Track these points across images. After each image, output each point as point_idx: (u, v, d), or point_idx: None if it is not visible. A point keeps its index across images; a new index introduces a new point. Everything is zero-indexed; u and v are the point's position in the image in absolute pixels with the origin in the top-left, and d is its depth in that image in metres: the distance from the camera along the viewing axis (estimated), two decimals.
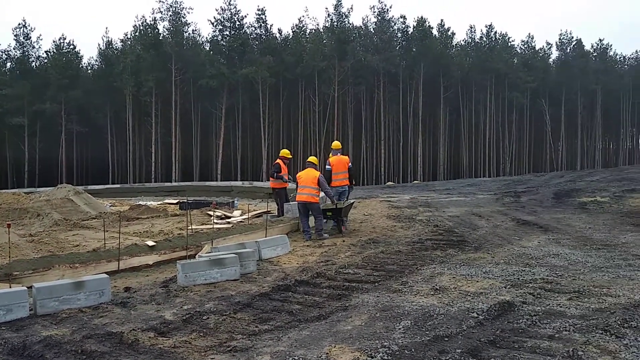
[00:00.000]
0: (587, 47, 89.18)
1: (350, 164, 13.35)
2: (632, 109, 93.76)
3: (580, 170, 62.80)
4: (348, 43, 64.62)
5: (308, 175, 11.74)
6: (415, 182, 52.93)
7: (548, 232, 12.03)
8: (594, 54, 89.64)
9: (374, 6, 70.46)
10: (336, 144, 13.96)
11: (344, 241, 10.91)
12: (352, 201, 12.77)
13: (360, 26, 71.56)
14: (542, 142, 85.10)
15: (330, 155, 13.57)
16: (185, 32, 66.72)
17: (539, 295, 6.58)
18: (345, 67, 62.84)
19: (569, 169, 78.45)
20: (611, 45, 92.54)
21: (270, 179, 14.60)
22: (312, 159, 12.54)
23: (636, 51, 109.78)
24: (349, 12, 67.73)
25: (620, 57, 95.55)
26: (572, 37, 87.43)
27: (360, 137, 67.06)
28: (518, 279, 7.49)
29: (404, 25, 72.11)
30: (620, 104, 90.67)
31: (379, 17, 70.02)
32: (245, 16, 67.82)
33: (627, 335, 5.15)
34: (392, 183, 52.73)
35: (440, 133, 72.08)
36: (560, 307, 6.11)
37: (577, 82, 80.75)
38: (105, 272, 7.83)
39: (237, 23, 65.48)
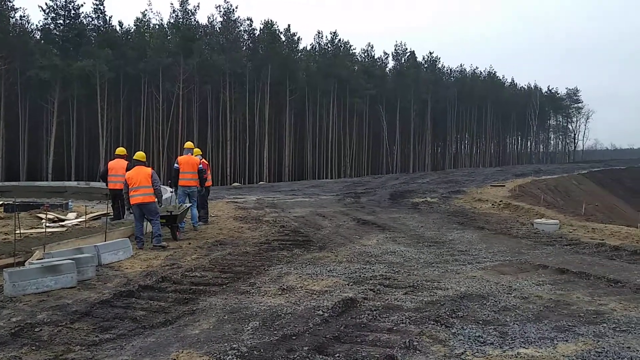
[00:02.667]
0: (420, 58, 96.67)
1: (201, 166, 13.03)
2: (456, 117, 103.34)
3: (413, 173, 67.75)
4: (194, 41, 63.21)
5: (140, 174, 10.57)
6: (261, 183, 53.34)
7: (386, 231, 12.82)
8: (425, 66, 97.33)
9: (219, 5, 69.83)
10: (188, 144, 13.66)
11: (189, 244, 10.67)
12: (187, 205, 12.31)
13: (207, 25, 70.45)
14: (379, 146, 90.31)
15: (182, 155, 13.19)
16: (12, 17, 60.73)
17: (378, 291, 6.99)
18: (191, 65, 61.39)
19: (403, 171, 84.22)
20: (440, 58, 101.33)
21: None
22: (139, 155, 11.25)
23: (461, 65, 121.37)
24: (195, 10, 66.40)
25: (447, 70, 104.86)
26: (407, 49, 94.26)
27: (205, 137, 65.92)
28: (360, 276, 7.88)
29: (250, 28, 72.43)
30: (447, 113, 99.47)
31: (225, 17, 69.55)
32: (82, 5, 63.46)
33: (455, 324, 5.67)
34: (238, 184, 52.60)
35: (285, 135, 73.34)
36: (398, 301, 6.54)
37: (411, 91, 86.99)
38: None
39: (73, 12, 61.01)
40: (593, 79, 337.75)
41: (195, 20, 67.04)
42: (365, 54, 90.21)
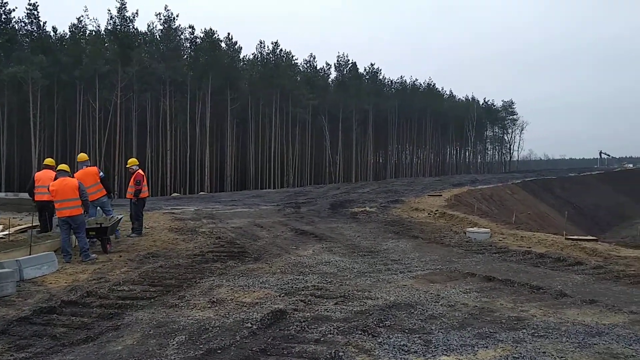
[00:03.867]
0: (361, 70, 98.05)
1: (101, 174, 12.77)
2: (397, 127, 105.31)
3: (355, 183, 68.38)
4: (133, 48, 61.85)
5: (65, 186, 10.21)
6: (201, 193, 52.50)
7: (322, 241, 12.87)
8: (367, 77, 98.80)
9: (159, 13, 68.67)
10: (82, 156, 13.32)
11: (120, 256, 10.38)
12: (120, 216, 11.98)
13: (146, 32, 69.09)
14: (322, 156, 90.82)
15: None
16: None
17: (309, 302, 7.00)
18: (130, 73, 59.99)
19: (345, 181, 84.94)
20: (381, 70, 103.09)
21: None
22: (63, 166, 10.87)
23: (401, 76, 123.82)
24: (133, 17, 64.95)
25: (388, 81, 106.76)
26: (349, 60, 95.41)
27: (145, 147, 64.48)
28: (292, 287, 7.88)
29: (192, 36, 71.53)
30: (388, 123, 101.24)
31: (166, 25, 68.46)
32: (14, 9, 61.15)
33: (381, 334, 5.75)
34: (177, 194, 51.65)
35: (227, 144, 72.67)
36: (327, 311, 6.58)
37: (353, 101, 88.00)
38: None
39: (4, 16, 58.65)
40: (528, 92, 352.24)
41: (134, 27, 65.65)
42: (308, 65, 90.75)
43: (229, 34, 76.59)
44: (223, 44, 74.15)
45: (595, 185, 65.12)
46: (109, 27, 63.95)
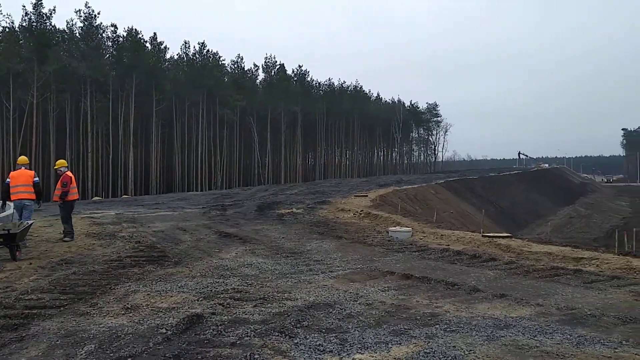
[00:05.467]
0: (289, 71, 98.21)
1: (36, 179, 12.55)
2: (326, 129, 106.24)
3: (284, 184, 68.31)
4: (50, 46, 59.10)
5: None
6: (124, 196, 50.90)
7: (246, 243, 12.77)
8: (295, 78, 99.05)
9: (79, 10, 65.90)
10: (23, 159, 13.22)
11: (30, 264, 9.85)
12: (31, 222, 11.45)
13: (65, 30, 66.21)
14: (251, 157, 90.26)
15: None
16: None
17: (228, 305, 6.91)
18: (47, 72, 57.28)
19: (274, 182, 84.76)
20: (309, 72, 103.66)
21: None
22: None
23: (329, 78, 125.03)
24: (51, 14, 62.03)
25: (316, 83, 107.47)
26: (276, 62, 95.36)
27: (64, 149, 61.77)
28: (211, 290, 7.76)
29: (115, 35, 69.20)
30: (317, 124, 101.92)
31: (86, 23, 65.89)
32: None
33: (298, 334, 5.75)
34: (99, 198, 49.82)
35: (152, 146, 70.86)
36: (246, 314, 6.51)
37: (281, 103, 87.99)
38: None
39: None
40: (452, 96, 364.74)
41: (51, 24, 62.75)
42: (235, 66, 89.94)
43: (154, 33, 74.85)
44: (148, 44, 72.26)
45: (514, 185, 68.12)
46: (24, 24, 60.83)
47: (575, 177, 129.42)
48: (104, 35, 68.26)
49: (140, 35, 70.18)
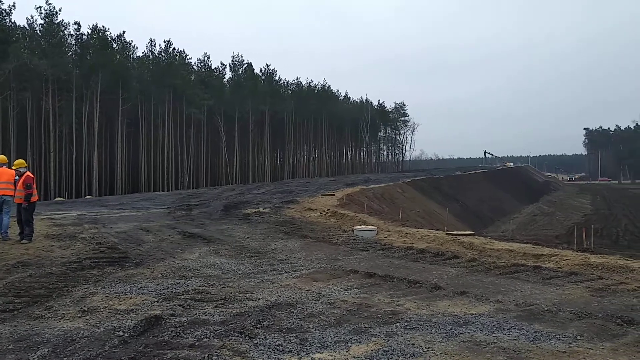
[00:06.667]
0: (257, 70, 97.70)
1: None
2: (294, 128, 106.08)
3: (252, 184, 67.99)
4: (9, 43, 57.52)
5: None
6: (87, 197, 49.91)
7: (210, 244, 12.64)
8: (263, 77, 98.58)
9: (40, 7, 64.20)
10: (2, 157, 13.14)
11: None
12: None
13: (25, 27, 64.52)
14: (218, 157, 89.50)
15: None
16: None
17: (188, 306, 6.82)
18: (6, 69, 55.73)
19: (242, 182, 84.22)
20: (277, 71, 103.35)
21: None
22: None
23: (297, 77, 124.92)
24: (10, 10, 60.34)
25: (284, 82, 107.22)
26: (244, 60, 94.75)
27: (25, 148, 60.21)
28: (172, 292, 7.65)
29: (78, 32, 67.74)
30: (285, 124, 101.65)
31: (47, 20, 64.32)
32: None
33: (258, 335, 5.70)
34: (61, 198, 48.76)
35: (118, 145, 69.66)
36: (206, 315, 6.44)
37: (249, 102, 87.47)
38: None
39: None
40: (421, 97, 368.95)
41: (11, 21, 61.11)
42: (202, 64, 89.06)
43: (123, 32, 73.58)
44: (114, 43, 71.02)
45: (480, 183, 69.13)
46: None
47: (539, 175, 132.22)
48: (66, 32, 66.78)
49: (107, 33, 68.97)
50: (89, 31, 68.22)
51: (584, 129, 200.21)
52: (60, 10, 65.35)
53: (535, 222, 53.49)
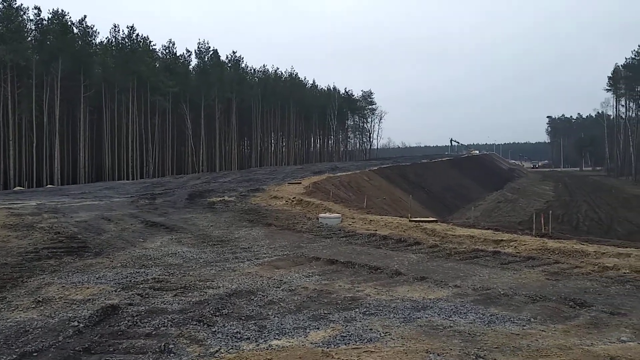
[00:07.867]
0: (223, 57, 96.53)
1: None
2: (262, 116, 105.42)
3: (218, 172, 67.46)
4: None
5: None
6: (49, 186, 48.82)
7: (173, 232, 12.50)
8: (229, 65, 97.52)
9: None
10: None
11: None
12: None
13: None
14: (184, 145, 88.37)
15: None
16: None
17: (147, 295, 6.74)
18: None
19: (209, 170, 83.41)
20: (243, 58, 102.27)
21: None
22: None
23: (264, 65, 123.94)
24: None
25: (251, 70, 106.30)
26: (210, 47, 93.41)
27: None
28: (130, 281, 7.55)
29: (38, 17, 65.78)
30: (252, 112, 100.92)
31: (5, 4, 62.28)
32: None
33: (217, 322, 5.67)
34: (21, 188, 47.55)
35: (80, 133, 68.13)
36: (164, 304, 6.37)
37: (215, 89, 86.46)
38: None
39: None
40: (389, 86, 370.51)
41: None
42: (167, 51, 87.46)
43: (84, 16, 71.68)
44: (75, 28, 69.21)
45: (445, 170, 70.01)
46: None
47: (503, 163, 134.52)
48: (25, 17, 64.81)
49: (67, 17, 67.14)
50: (49, 16, 66.36)
51: (547, 117, 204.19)
52: None
53: (499, 209, 54.47)
